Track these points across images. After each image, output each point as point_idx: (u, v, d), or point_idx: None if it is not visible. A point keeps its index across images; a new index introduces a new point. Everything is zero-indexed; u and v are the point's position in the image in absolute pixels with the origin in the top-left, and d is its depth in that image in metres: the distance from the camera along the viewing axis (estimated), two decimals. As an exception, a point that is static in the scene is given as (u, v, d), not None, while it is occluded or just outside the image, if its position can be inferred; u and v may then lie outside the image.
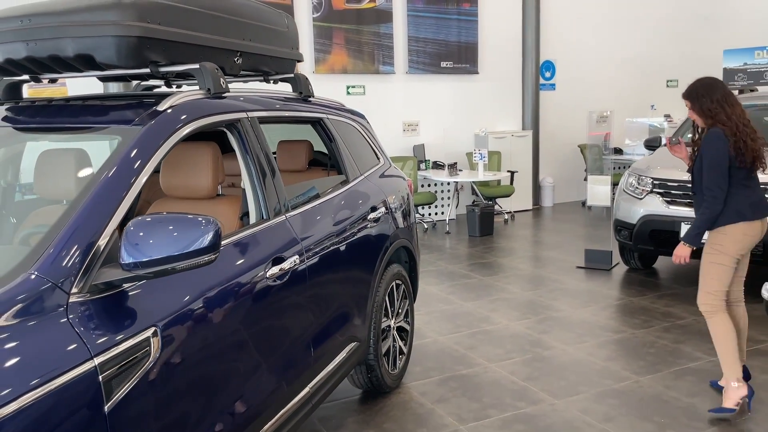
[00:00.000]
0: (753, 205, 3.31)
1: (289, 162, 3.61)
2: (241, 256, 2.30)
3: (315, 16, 8.60)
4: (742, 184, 3.30)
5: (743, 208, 3.28)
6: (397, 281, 3.74)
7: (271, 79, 3.46)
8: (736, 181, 3.29)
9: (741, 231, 3.29)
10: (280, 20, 3.41)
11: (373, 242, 3.40)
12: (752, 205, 3.30)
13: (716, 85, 3.40)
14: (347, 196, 3.30)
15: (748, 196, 3.30)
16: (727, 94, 3.35)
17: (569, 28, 10.54)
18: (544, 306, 5.28)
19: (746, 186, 3.31)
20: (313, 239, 2.78)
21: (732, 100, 3.32)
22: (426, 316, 5.10)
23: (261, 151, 2.68)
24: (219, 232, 1.81)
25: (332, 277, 2.92)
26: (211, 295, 2.07)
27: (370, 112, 9.21)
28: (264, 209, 2.59)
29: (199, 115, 2.38)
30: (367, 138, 3.96)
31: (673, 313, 4.97)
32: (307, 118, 3.28)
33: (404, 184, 4.14)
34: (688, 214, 5.28)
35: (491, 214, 8.44)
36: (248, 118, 2.69)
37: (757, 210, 3.31)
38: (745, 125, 3.27)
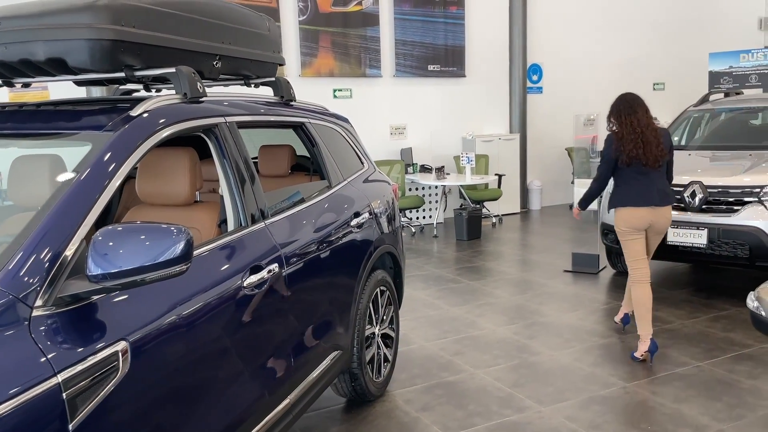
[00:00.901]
0: (638, 194, 4.10)
1: (271, 167, 3.55)
2: (217, 265, 2.24)
3: (301, 19, 8.55)
4: (632, 178, 4.12)
5: (629, 196, 4.12)
6: (382, 288, 3.69)
7: (252, 83, 3.40)
8: (626, 175, 4.14)
9: (627, 213, 4.13)
10: (261, 23, 3.36)
11: (357, 248, 3.35)
12: (637, 194, 4.10)
13: (621, 99, 4.23)
14: (329, 201, 3.24)
15: (635, 187, 4.11)
16: (625, 109, 4.14)
17: (556, 32, 10.55)
18: (531, 311, 5.24)
19: (635, 179, 4.12)
20: (294, 246, 2.73)
21: (627, 113, 4.12)
22: (412, 321, 5.05)
23: (240, 157, 2.62)
24: (190, 241, 1.75)
25: (313, 285, 2.86)
26: (185, 305, 2.01)
27: (357, 116, 9.20)
28: (242, 216, 2.53)
29: (174, 120, 2.32)
30: (351, 142, 3.91)
31: (660, 318, 4.95)
32: (289, 123, 3.23)
33: (389, 188, 4.09)
34: (675, 218, 5.27)
35: (479, 218, 8.42)
36: (226, 123, 2.63)
37: (642, 198, 4.09)
38: (633, 131, 4.06)
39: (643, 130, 4.07)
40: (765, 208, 4.93)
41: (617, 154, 4.10)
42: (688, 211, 5.24)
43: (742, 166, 5.33)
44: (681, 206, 5.30)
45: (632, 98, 4.20)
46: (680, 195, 5.30)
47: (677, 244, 5.25)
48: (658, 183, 4.12)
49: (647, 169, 4.07)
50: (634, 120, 4.09)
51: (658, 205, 4.09)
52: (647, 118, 4.12)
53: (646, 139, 4.05)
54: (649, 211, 4.09)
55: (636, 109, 4.12)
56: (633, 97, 4.21)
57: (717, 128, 6.56)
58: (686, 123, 6.68)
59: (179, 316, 1.97)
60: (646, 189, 4.09)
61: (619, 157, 4.09)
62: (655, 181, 4.11)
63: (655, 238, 4.28)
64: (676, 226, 5.24)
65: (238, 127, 2.76)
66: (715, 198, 5.16)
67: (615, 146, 4.11)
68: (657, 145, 4.06)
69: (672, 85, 11.78)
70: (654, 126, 4.13)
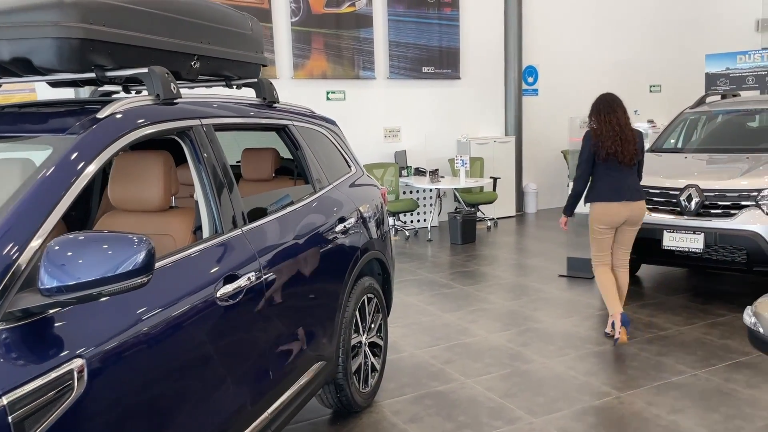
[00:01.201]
0: (611, 190, 4.33)
1: (254, 171, 3.44)
2: (188, 275, 2.13)
3: (293, 21, 8.45)
4: (606, 174, 4.35)
5: (603, 191, 4.35)
6: (369, 295, 3.58)
7: (234, 85, 3.30)
8: (601, 171, 4.37)
9: (601, 208, 4.37)
10: (243, 23, 3.25)
11: (342, 255, 3.24)
12: (610, 190, 4.33)
13: (602, 99, 4.47)
14: (313, 207, 3.14)
15: (609, 183, 4.34)
16: (605, 108, 4.38)
17: (552, 34, 10.47)
18: (524, 317, 5.14)
19: (609, 175, 4.35)
20: (273, 254, 2.62)
21: (606, 112, 4.35)
22: (404, 328, 4.94)
23: (216, 161, 2.52)
24: (152, 251, 1.65)
25: (294, 294, 2.75)
26: (150, 319, 1.90)
27: (350, 118, 9.11)
28: (218, 222, 2.42)
29: (144, 123, 2.21)
30: (338, 145, 3.80)
31: (655, 324, 4.85)
32: (271, 125, 3.12)
33: (377, 192, 3.98)
34: (671, 222, 5.18)
35: (473, 222, 8.31)
36: (202, 126, 2.52)
37: (615, 194, 4.32)
38: (612, 129, 4.29)
39: (622, 128, 4.32)
40: (763, 212, 4.83)
41: (595, 149, 4.34)
42: (685, 215, 5.14)
43: (739, 169, 5.24)
44: (677, 210, 5.20)
45: (612, 98, 4.45)
46: (676, 199, 5.21)
47: (673, 248, 5.15)
48: (630, 180, 4.39)
49: (621, 167, 4.34)
50: (614, 119, 4.33)
51: (631, 200, 4.34)
52: (625, 117, 4.38)
53: (624, 137, 4.30)
54: (622, 206, 4.33)
55: (615, 109, 4.37)
56: (612, 97, 4.46)
57: (714, 131, 6.47)
58: (682, 125, 6.58)
59: (144, 330, 1.86)
60: (619, 185, 4.34)
61: (598, 153, 4.33)
62: (628, 177, 4.37)
63: (630, 231, 4.51)
64: (672, 231, 5.14)
65: (216, 129, 2.65)
66: (711, 202, 5.06)
67: (593, 142, 4.35)
68: (633, 143, 4.33)
69: (668, 87, 11.70)
70: (631, 126, 4.41)
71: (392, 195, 8.90)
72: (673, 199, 5.24)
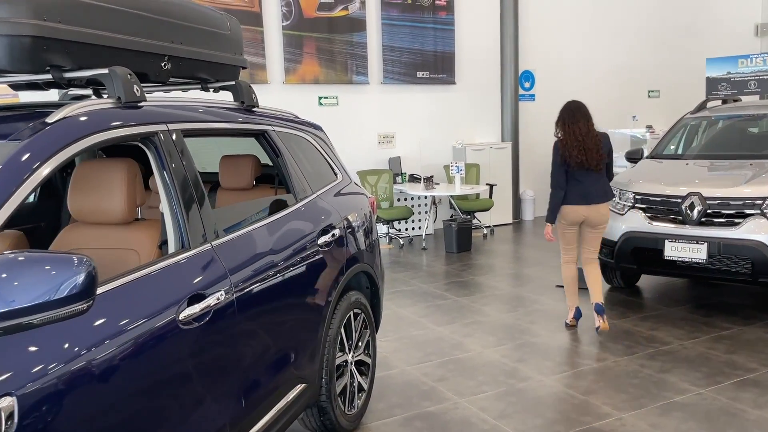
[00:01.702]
0: (582, 195, 4.66)
1: (232, 179, 3.25)
2: (145, 296, 1.93)
3: (285, 24, 8.27)
4: (577, 180, 4.66)
5: (574, 196, 4.67)
6: (356, 310, 3.38)
7: (211, 88, 3.11)
8: (572, 177, 4.67)
9: (568, 209, 4.69)
10: (220, 22, 3.07)
11: (325, 269, 3.04)
12: (580, 195, 4.66)
13: (566, 109, 4.75)
14: (294, 217, 2.94)
15: (580, 189, 4.66)
16: (568, 118, 4.67)
17: (549, 38, 10.31)
18: (521, 330, 4.94)
19: (580, 182, 4.66)
20: (247, 270, 2.42)
21: (570, 122, 4.64)
22: (395, 342, 4.73)
23: (185, 169, 2.32)
24: (93, 273, 1.45)
25: (271, 313, 2.55)
26: (99, 347, 1.69)
27: (343, 124, 8.92)
28: (185, 237, 2.22)
29: (100, 128, 2.02)
30: (323, 152, 3.61)
31: (657, 338, 4.65)
32: (248, 131, 2.93)
33: (365, 201, 3.79)
34: (672, 231, 4.99)
35: (469, 229, 8.12)
36: (169, 131, 2.32)
37: (585, 198, 4.65)
38: (576, 140, 4.58)
39: (584, 137, 4.60)
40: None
41: (564, 159, 4.64)
42: (687, 224, 4.95)
43: (742, 176, 5.05)
44: (679, 219, 5.01)
45: (575, 107, 4.71)
46: (678, 207, 5.02)
47: (675, 258, 4.96)
48: (600, 183, 4.70)
49: (590, 172, 4.64)
50: (576, 129, 4.62)
51: (597, 203, 4.66)
52: (588, 126, 4.64)
53: (586, 146, 4.58)
54: (586, 208, 4.67)
55: (578, 119, 4.64)
56: (577, 105, 4.72)
57: (715, 136, 6.29)
58: (683, 131, 6.40)
59: (90, 361, 1.65)
60: (587, 190, 4.66)
61: (567, 163, 4.63)
62: (598, 181, 4.69)
63: (593, 233, 4.80)
64: (674, 240, 4.95)
65: (186, 135, 2.46)
66: (715, 210, 4.87)
67: (561, 152, 4.65)
68: (597, 150, 4.60)
69: (667, 92, 11.54)
70: (594, 133, 4.64)
71: (386, 202, 8.71)
72: (674, 207, 5.05)
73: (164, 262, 2.07)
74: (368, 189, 8.62)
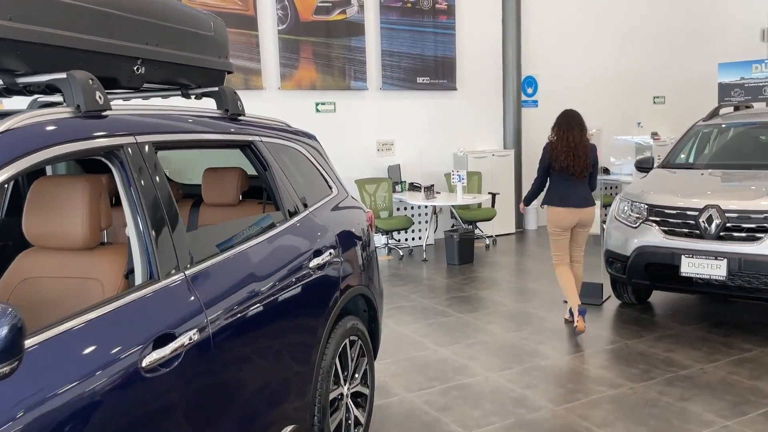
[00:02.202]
0: (561, 197, 4.93)
1: (216, 194, 2.96)
2: (98, 342, 1.63)
3: (280, 29, 8.00)
4: (559, 182, 4.94)
5: (554, 197, 4.97)
6: (352, 337, 3.08)
7: (192, 94, 2.82)
8: (555, 179, 4.97)
9: (553, 212, 4.98)
10: (202, 22, 2.79)
11: (318, 295, 2.75)
12: (560, 197, 4.93)
13: (564, 116, 4.99)
14: (283, 238, 2.65)
15: (560, 190, 4.94)
16: (564, 125, 4.91)
17: (552, 42, 10.05)
18: (528, 351, 4.64)
19: (561, 184, 4.93)
20: (227, 302, 2.12)
21: (565, 129, 4.88)
22: (394, 365, 4.43)
23: (155, 188, 2.03)
24: (18, 326, 1.16)
25: (255, 349, 2.26)
26: (42, 404, 1.40)
27: (341, 131, 8.63)
28: (154, 266, 1.93)
29: (52, 142, 1.73)
30: (317, 164, 3.32)
31: (675, 361, 4.36)
32: (232, 142, 2.64)
33: (363, 217, 3.50)
34: (689, 246, 4.71)
35: (471, 240, 7.83)
36: (137, 144, 2.04)
37: (563, 201, 4.92)
38: (567, 146, 4.84)
39: (576, 145, 4.85)
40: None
41: (550, 161, 4.92)
42: (704, 238, 4.67)
43: (762, 187, 4.76)
44: (696, 233, 4.72)
45: (573, 115, 4.96)
46: (694, 220, 4.73)
47: (692, 275, 4.67)
48: (580, 189, 4.94)
49: (573, 178, 4.89)
50: (570, 136, 4.87)
51: (579, 207, 4.91)
52: (582, 134, 4.88)
53: (576, 153, 4.83)
54: (569, 212, 4.92)
55: (573, 127, 4.89)
56: (573, 114, 4.97)
57: (729, 145, 6.02)
58: (694, 139, 6.12)
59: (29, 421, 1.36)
60: (567, 193, 4.91)
61: (552, 165, 4.91)
62: (578, 187, 4.93)
63: (582, 232, 5.08)
64: (691, 256, 4.66)
65: (159, 148, 2.17)
66: (734, 224, 4.59)
67: (549, 155, 4.93)
68: (585, 159, 4.86)
69: (673, 99, 11.28)
70: (586, 143, 4.89)
71: (385, 212, 8.42)
72: (690, 220, 4.76)
73: (125, 298, 1.78)
74: (367, 198, 8.34)
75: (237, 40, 7.73)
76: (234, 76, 7.74)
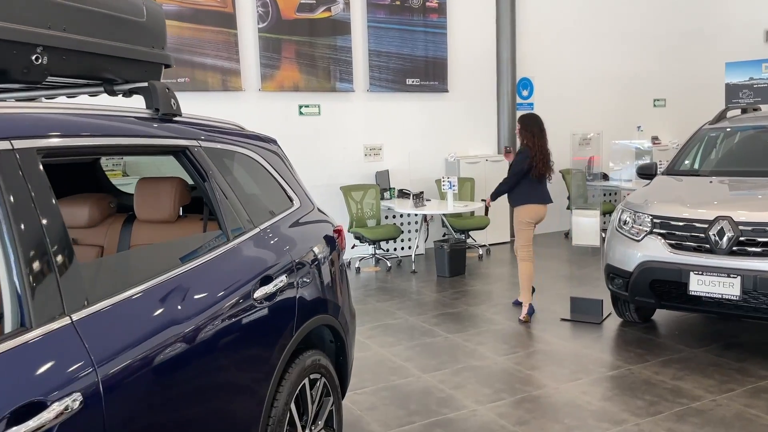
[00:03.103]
0: (538, 195, 5.39)
1: (150, 209, 2.51)
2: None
3: (261, 27, 7.56)
4: (534, 184, 5.37)
5: (531, 196, 5.38)
6: (313, 375, 2.64)
7: (119, 91, 2.38)
8: (529, 181, 5.35)
9: (530, 208, 5.39)
10: (131, 6, 2.35)
11: (265, 332, 2.30)
12: (537, 195, 5.39)
13: (534, 121, 5.40)
14: (220, 264, 2.20)
15: (536, 190, 5.39)
16: (537, 132, 5.35)
17: (548, 43, 9.63)
18: (522, 379, 4.19)
19: (535, 185, 5.38)
20: (131, 353, 1.67)
21: (539, 136, 5.34)
22: (372, 396, 3.98)
23: (34, 206, 1.58)
24: None
25: (171, 409, 1.80)
26: None
27: (326, 135, 8.18)
28: (27, 311, 1.48)
29: None
30: (275, 172, 2.87)
31: (685, 391, 3.91)
32: (158, 147, 2.19)
33: (328, 233, 3.05)
34: (699, 261, 4.27)
35: (463, 251, 7.38)
36: (14, 151, 1.59)
37: (541, 198, 5.40)
38: (541, 153, 5.32)
39: (547, 151, 5.37)
40: (816, 252, 3.92)
41: (529, 168, 5.28)
42: (715, 253, 4.23)
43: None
44: (706, 247, 4.29)
45: (540, 121, 5.40)
46: (704, 233, 4.30)
47: (701, 294, 4.23)
48: (545, 186, 5.48)
49: (542, 179, 5.39)
50: (543, 143, 5.35)
51: (549, 203, 5.46)
52: (546, 141, 5.40)
53: (546, 160, 5.36)
54: (545, 207, 5.44)
55: (544, 133, 5.38)
56: (540, 119, 5.41)
57: (738, 150, 5.59)
58: (701, 143, 5.69)
59: None
60: (542, 191, 5.44)
61: (532, 172, 5.29)
62: (545, 185, 5.48)
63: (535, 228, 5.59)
64: (701, 273, 4.22)
65: (49, 155, 1.73)
66: (749, 238, 4.15)
67: (529, 162, 5.27)
68: (550, 164, 5.41)
69: (674, 101, 10.86)
70: (548, 149, 5.40)
71: (373, 220, 7.98)
72: (699, 233, 4.33)
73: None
74: (353, 206, 7.89)
75: (214, 38, 7.30)
76: (211, 77, 7.31)
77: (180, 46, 7.12)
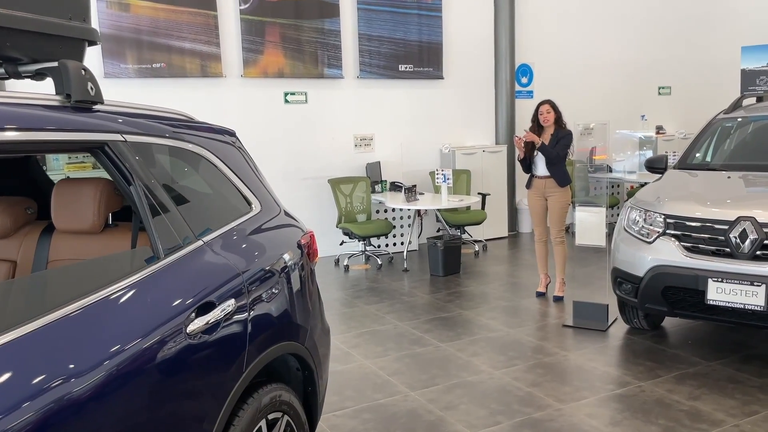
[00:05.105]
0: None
1: (70, 218, 2.06)
2: None
3: (242, 8, 7.08)
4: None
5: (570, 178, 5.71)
6: (273, 415, 2.21)
7: (24, 73, 1.93)
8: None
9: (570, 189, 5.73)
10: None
11: (204, 370, 1.86)
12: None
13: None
14: (145, 291, 1.75)
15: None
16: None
17: (549, 28, 9.14)
18: (521, 398, 3.77)
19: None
20: (29, 409, 1.23)
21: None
22: (352, 419, 3.55)
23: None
24: None
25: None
26: None
27: (313, 124, 7.70)
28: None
29: None
30: (230, 171, 2.42)
31: (702, 413, 3.49)
32: (68, 143, 1.74)
33: (295, 240, 2.61)
34: (718, 267, 3.84)
35: (458, 248, 6.94)
36: None
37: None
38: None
39: None
40: None
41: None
42: (737, 258, 3.80)
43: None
44: (725, 251, 3.85)
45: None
46: (724, 236, 3.86)
47: (720, 303, 3.81)
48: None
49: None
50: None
51: None
52: None
53: None
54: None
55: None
56: None
57: (756, 142, 5.13)
58: (712, 135, 5.24)
59: None
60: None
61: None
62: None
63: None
64: (720, 280, 3.79)
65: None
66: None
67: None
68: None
69: (679, 89, 10.39)
70: None
71: (363, 215, 7.53)
72: (719, 235, 3.89)
73: None
74: (342, 200, 7.44)
75: (193, 20, 6.82)
76: (189, 62, 6.83)
77: (155, 29, 6.64)
